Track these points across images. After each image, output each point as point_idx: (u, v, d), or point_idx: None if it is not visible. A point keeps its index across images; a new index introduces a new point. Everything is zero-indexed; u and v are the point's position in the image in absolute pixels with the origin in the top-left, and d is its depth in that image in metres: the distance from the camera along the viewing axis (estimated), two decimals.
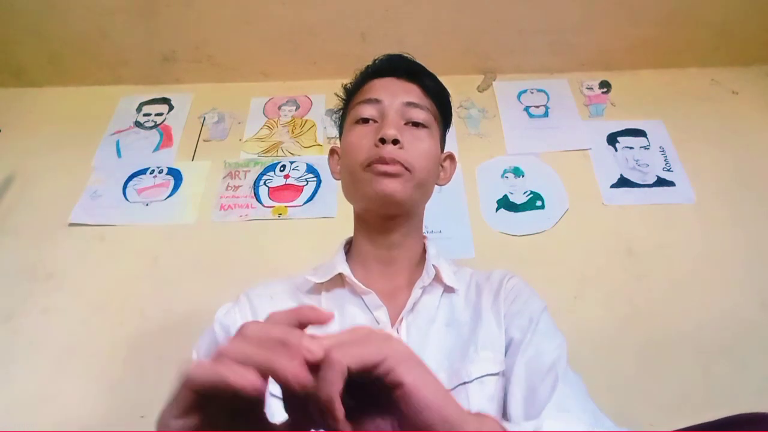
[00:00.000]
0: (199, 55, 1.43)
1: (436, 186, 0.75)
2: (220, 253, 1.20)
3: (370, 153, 0.65)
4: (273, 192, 1.31)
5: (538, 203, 1.26)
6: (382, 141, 0.64)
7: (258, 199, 1.29)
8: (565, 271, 1.16)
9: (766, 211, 1.23)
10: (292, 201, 1.29)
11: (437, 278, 0.68)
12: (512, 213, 1.25)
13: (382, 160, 0.64)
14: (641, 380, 1.03)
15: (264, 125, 1.44)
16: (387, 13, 1.31)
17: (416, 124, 0.69)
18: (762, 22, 1.35)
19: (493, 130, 1.39)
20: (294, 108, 1.47)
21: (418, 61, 0.75)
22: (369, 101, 0.69)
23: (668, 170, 1.30)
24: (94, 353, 1.08)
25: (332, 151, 0.79)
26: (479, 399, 0.58)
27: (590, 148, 1.35)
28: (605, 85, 1.47)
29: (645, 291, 1.13)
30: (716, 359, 1.04)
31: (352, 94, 0.76)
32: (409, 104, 0.69)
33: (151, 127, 1.44)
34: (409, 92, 0.71)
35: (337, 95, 0.80)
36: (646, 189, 1.27)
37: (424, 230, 0.76)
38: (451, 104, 0.78)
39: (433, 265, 0.68)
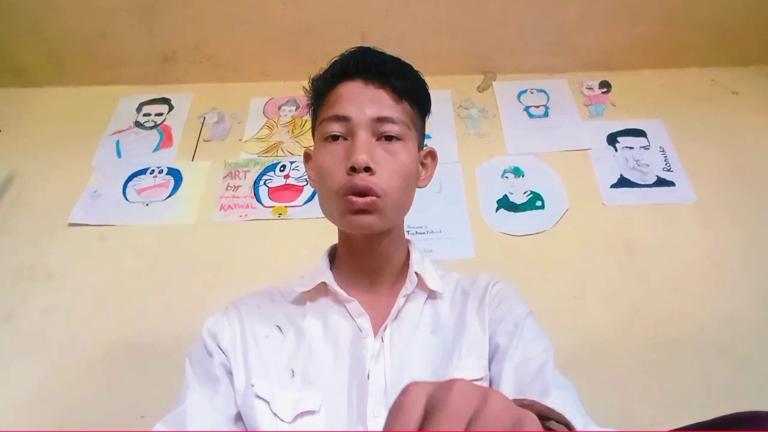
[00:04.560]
0: (199, 55, 1.43)
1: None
2: (220, 253, 1.20)
3: (342, 182, 0.62)
4: (273, 192, 1.31)
5: (538, 203, 1.26)
6: (354, 169, 0.61)
7: (258, 199, 1.29)
8: (565, 271, 1.16)
9: (766, 211, 1.23)
10: (292, 201, 1.29)
11: (420, 285, 0.68)
12: (512, 213, 1.25)
13: (355, 189, 0.61)
14: (641, 380, 1.03)
15: (264, 125, 1.44)
16: (387, 13, 1.31)
17: (389, 138, 0.65)
18: (762, 22, 1.35)
19: (493, 130, 1.39)
20: (294, 108, 1.47)
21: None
22: (336, 118, 0.64)
23: (668, 170, 1.30)
24: (94, 353, 1.08)
25: (306, 157, 0.74)
26: None
27: (590, 148, 1.35)
28: (605, 85, 1.47)
29: (645, 291, 1.13)
30: (716, 359, 1.04)
31: (319, 98, 0.71)
32: (380, 119, 0.64)
33: (151, 127, 1.44)
34: (379, 102, 0.65)
35: (305, 90, 0.73)
36: (646, 189, 1.27)
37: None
38: (429, 94, 0.72)
39: (415, 272, 0.68)
